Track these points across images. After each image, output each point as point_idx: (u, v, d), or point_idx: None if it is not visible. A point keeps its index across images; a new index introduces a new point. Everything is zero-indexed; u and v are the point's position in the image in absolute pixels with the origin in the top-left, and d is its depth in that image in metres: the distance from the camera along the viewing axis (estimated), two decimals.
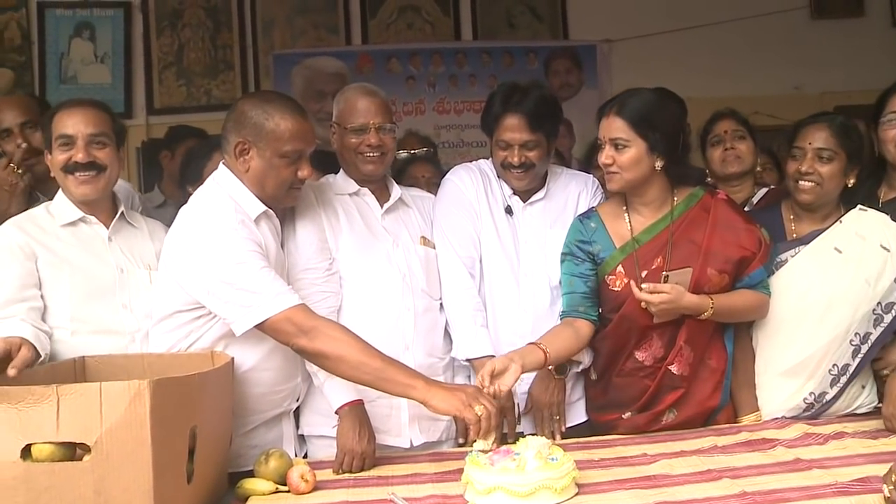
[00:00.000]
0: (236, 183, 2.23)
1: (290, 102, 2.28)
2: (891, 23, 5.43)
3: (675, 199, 2.42)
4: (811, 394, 2.41)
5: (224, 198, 2.21)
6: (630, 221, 2.43)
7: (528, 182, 2.56)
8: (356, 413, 2.24)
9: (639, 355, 2.40)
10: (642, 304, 2.31)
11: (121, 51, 5.05)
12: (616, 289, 2.39)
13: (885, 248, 2.38)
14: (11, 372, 1.87)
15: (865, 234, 2.41)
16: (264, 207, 2.24)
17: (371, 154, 2.45)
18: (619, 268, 2.40)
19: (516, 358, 2.18)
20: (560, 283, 2.50)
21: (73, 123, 2.30)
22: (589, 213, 2.50)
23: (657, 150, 2.33)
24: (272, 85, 5.04)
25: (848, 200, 2.48)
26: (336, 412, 2.25)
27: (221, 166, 2.29)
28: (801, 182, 2.44)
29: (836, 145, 2.41)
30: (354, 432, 2.21)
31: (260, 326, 2.08)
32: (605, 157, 2.34)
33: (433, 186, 2.98)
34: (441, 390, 2.04)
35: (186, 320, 2.20)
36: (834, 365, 2.39)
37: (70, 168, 2.29)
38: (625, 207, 2.45)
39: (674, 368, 2.37)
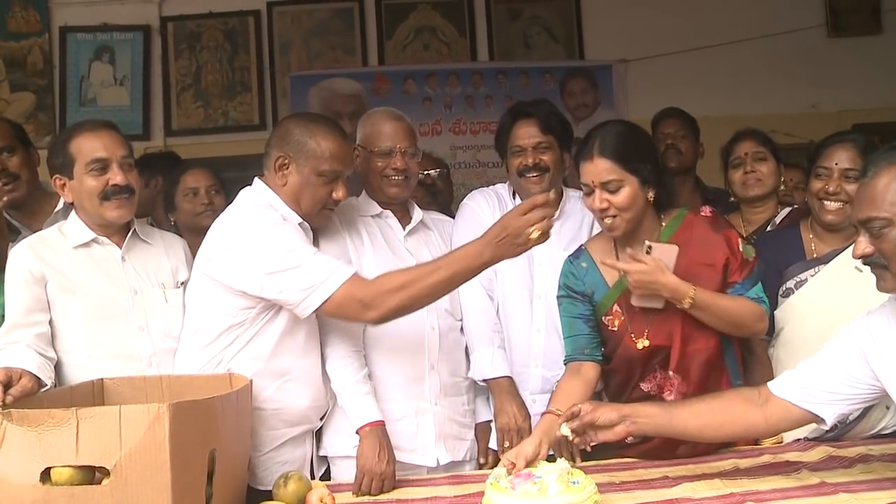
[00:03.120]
0: (273, 196, 2.28)
1: (334, 125, 2.35)
2: None
3: (663, 224, 2.36)
4: None
5: (264, 205, 2.26)
6: (619, 257, 2.35)
7: (544, 187, 2.55)
8: (377, 434, 2.24)
9: (644, 387, 2.35)
10: (620, 273, 2.24)
11: (139, 73, 5.12)
12: (613, 328, 2.35)
13: None
14: (8, 399, 1.86)
15: None
16: (300, 219, 2.28)
17: (396, 177, 2.47)
18: (615, 307, 2.34)
19: (543, 439, 2.10)
20: (560, 325, 2.45)
21: (103, 146, 2.28)
22: (578, 253, 2.44)
23: (648, 183, 2.27)
24: (289, 106, 5.06)
25: None
26: (357, 432, 2.25)
27: (256, 182, 2.33)
28: (827, 202, 2.42)
29: (862, 164, 2.39)
30: (374, 453, 2.21)
31: (325, 306, 2.11)
32: (598, 201, 2.25)
33: (427, 207, 2.99)
34: (497, 244, 2.03)
35: (228, 325, 2.21)
36: None
37: (108, 193, 2.27)
38: (613, 244, 2.39)
39: (666, 396, 2.31)
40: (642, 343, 2.30)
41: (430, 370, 2.44)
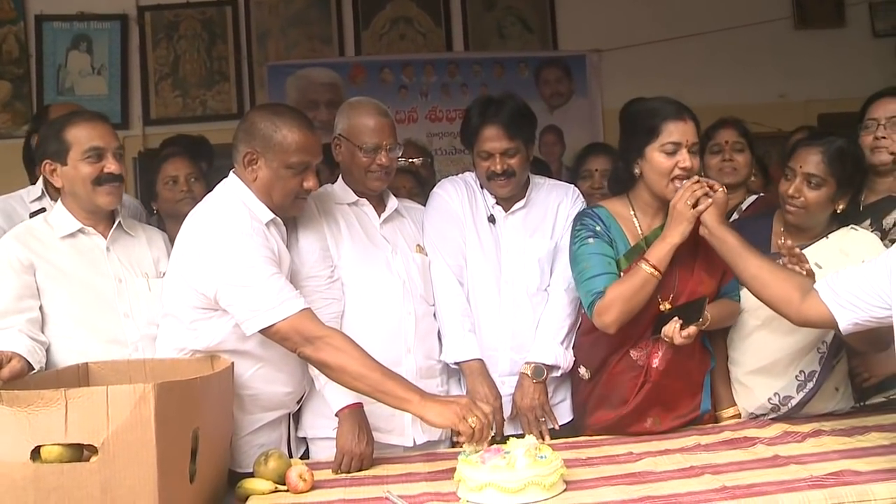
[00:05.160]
0: (246, 191, 2.30)
1: (298, 115, 2.35)
2: (870, 33, 5.56)
3: None
4: (776, 394, 2.46)
5: (238, 203, 2.28)
6: (639, 224, 2.47)
7: (511, 188, 2.64)
8: (356, 416, 2.30)
9: (633, 353, 2.43)
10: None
11: (117, 62, 5.12)
12: None
13: None
14: None
15: (850, 251, 2.41)
16: (272, 215, 2.31)
17: (379, 172, 2.53)
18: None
19: None
20: (584, 266, 2.43)
21: (99, 135, 2.36)
22: (594, 207, 2.52)
23: None
24: (266, 95, 5.10)
25: (843, 217, 2.47)
26: (336, 415, 2.31)
27: (231, 175, 2.35)
28: (786, 204, 2.45)
29: (826, 172, 2.38)
30: (353, 434, 2.27)
31: (266, 332, 2.15)
32: (690, 161, 2.34)
33: (414, 197, 3.07)
34: (436, 404, 2.10)
35: (197, 318, 2.24)
36: (801, 371, 2.44)
37: (102, 180, 2.35)
38: (632, 210, 2.48)
39: (654, 362, 2.41)
40: (665, 306, 2.38)
41: (406, 353, 2.51)
